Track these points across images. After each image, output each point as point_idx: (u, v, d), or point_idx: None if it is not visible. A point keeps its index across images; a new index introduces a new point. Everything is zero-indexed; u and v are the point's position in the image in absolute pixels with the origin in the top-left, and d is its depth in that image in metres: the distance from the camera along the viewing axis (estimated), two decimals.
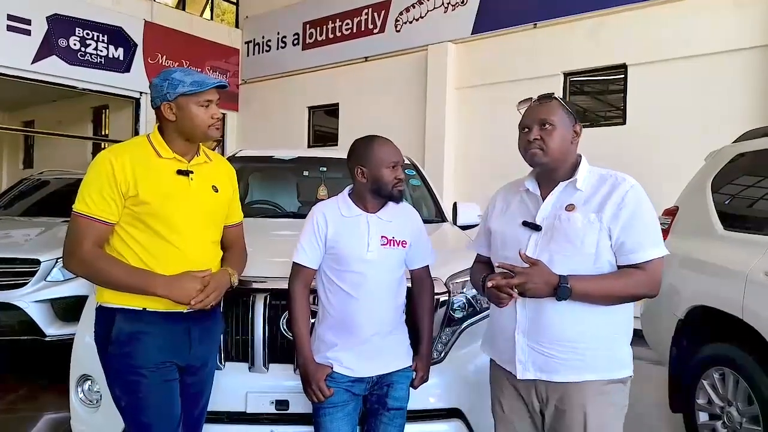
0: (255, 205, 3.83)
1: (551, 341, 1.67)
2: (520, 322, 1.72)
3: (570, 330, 1.66)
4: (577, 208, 1.68)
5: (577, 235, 1.65)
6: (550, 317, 1.67)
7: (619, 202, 1.64)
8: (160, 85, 1.87)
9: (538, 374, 1.70)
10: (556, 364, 1.67)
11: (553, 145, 1.71)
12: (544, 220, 1.73)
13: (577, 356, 1.66)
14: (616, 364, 1.70)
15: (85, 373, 2.32)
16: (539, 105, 1.77)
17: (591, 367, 1.66)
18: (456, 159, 8.51)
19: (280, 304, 2.24)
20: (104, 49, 9.34)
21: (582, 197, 1.70)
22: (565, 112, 1.75)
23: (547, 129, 1.72)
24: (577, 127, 1.77)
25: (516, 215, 1.81)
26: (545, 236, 1.70)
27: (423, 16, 8.89)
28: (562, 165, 1.75)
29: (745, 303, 2.57)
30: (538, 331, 1.69)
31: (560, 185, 1.75)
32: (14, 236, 4.87)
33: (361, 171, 1.97)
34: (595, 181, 1.72)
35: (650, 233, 1.64)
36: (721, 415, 2.81)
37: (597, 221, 1.64)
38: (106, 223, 1.81)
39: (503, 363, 1.81)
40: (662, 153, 6.34)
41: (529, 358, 1.71)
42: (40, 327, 4.22)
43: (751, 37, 6.06)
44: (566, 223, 1.67)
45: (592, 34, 7.18)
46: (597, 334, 1.67)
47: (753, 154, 3.06)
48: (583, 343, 1.66)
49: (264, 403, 2.18)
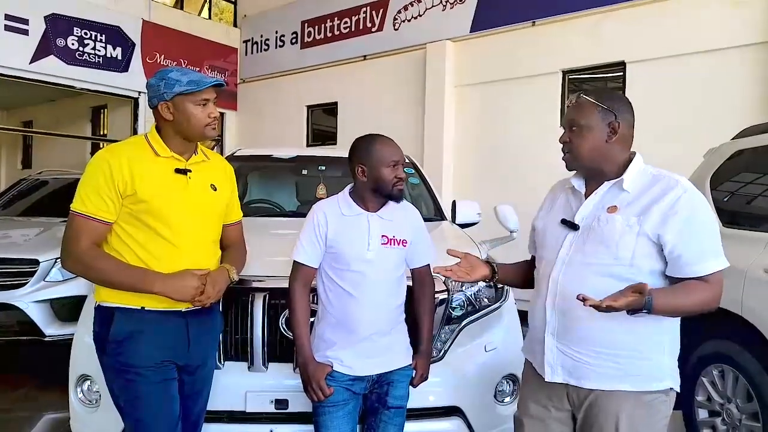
0: (254, 204, 3.83)
1: (581, 344, 1.59)
2: (549, 323, 1.66)
3: (601, 334, 1.57)
4: (619, 209, 1.59)
5: (612, 238, 1.55)
6: (580, 319, 1.58)
7: (670, 208, 1.52)
8: (156, 84, 1.86)
9: (566, 378, 1.63)
10: (588, 369, 1.59)
11: (581, 149, 1.64)
12: (583, 219, 1.65)
13: (612, 363, 1.56)
14: (655, 376, 1.58)
15: (84, 373, 2.32)
16: (570, 105, 1.71)
17: (626, 376, 1.56)
18: (455, 157, 8.50)
19: (279, 303, 2.24)
20: (102, 49, 9.32)
21: (627, 199, 1.60)
22: (598, 110, 1.64)
23: (575, 131, 1.66)
24: (616, 123, 1.64)
25: (558, 213, 1.75)
26: (581, 236, 1.63)
27: (421, 14, 8.87)
28: (605, 165, 1.65)
29: (745, 300, 2.57)
30: (567, 332, 1.62)
31: (605, 185, 1.65)
32: (13, 236, 4.86)
33: (361, 170, 1.96)
34: (646, 183, 1.61)
35: (710, 243, 1.53)
36: (720, 412, 2.82)
37: (636, 224, 1.54)
38: (103, 222, 1.80)
39: (536, 365, 1.74)
40: (661, 150, 6.33)
41: (557, 360, 1.64)
42: (39, 327, 4.21)
43: (751, 34, 6.05)
44: (604, 225, 1.58)
45: (591, 32, 7.17)
46: (631, 339, 1.56)
47: (752, 150, 3.06)
48: (619, 350, 1.56)
49: (263, 402, 2.18)
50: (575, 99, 1.72)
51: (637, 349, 1.56)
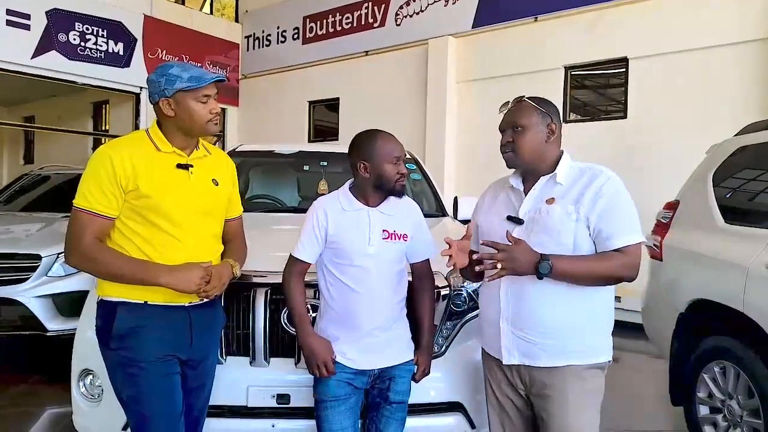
0: (255, 200, 3.84)
1: (533, 328, 1.75)
2: (503, 310, 1.80)
3: (551, 317, 1.74)
4: (556, 200, 1.76)
5: (554, 226, 1.72)
6: (531, 305, 1.75)
7: (596, 193, 1.71)
8: (157, 81, 1.86)
9: (522, 359, 1.79)
10: (538, 349, 1.75)
11: (524, 148, 1.81)
12: (526, 214, 1.81)
13: (558, 342, 1.74)
14: (595, 351, 1.78)
15: (86, 368, 2.33)
16: (511, 108, 1.88)
17: (570, 353, 1.74)
18: (457, 153, 8.49)
19: (280, 299, 2.24)
20: (104, 44, 9.31)
21: (562, 190, 1.78)
22: (538, 112, 1.82)
23: (518, 131, 1.83)
24: (553, 125, 1.83)
25: (501, 210, 1.89)
26: (526, 229, 1.78)
27: (423, 9, 8.86)
28: (541, 163, 1.83)
29: (746, 296, 2.57)
30: (520, 318, 1.77)
31: (541, 180, 1.83)
32: (15, 232, 4.86)
33: (363, 166, 1.96)
34: (575, 175, 1.80)
35: (627, 221, 1.71)
36: (721, 408, 2.82)
37: (574, 212, 1.71)
38: (106, 217, 1.81)
39: (492, 351, 1.89)
40: (663, 146, 6.33)
41: (513, 344, 1.79)
42: (41, 322, 4.22)
43: (753, 29, 6.03)
44: (545, 216, 1.75)
45: (593, 28, 7.15)
46: (576, 320, 1.74)
47: (754, 147, 3.05)
48: (563, 330, 1.73)
49: (265, 397, 2.18)
50: (514, 103, 1.89)
51: (577, 328, 1.75)
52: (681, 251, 3.12)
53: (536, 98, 1.88)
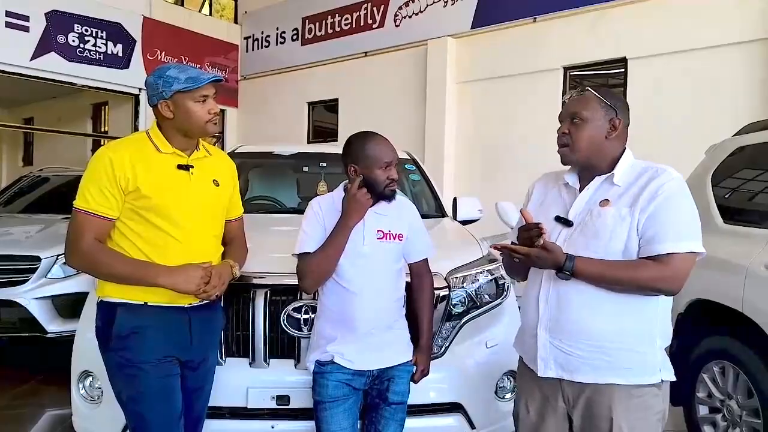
0: (255, 201, 3.83)
1: (574, 338, 1.60)
2: (542, 318, 1.66)
3: (594, 326, 1.58)
4: (611, 203, 1.60)
5: (605, 230, 1.57)
6: (573, 312, 1.60)
7: (654, 193, 1.55)
8: (155, 83, 1.86)
9: (559, 372, 1.64)
10: (579, 362, 1.60)
11: (581, 142, 1.64)
12: (576, 215, 1.66)
13: (602, 356, 1.57)
14: (647, 368, 1.59)
15: (86, 369, 2.33)
16: (573, 98, 1.70)
17: (616, 369, 1.57)
18: (456, 154, 8.49)
19: (280, 300, 2.25)
20: (103, 45, 9.31)
21: (618, 192, 1.62)
22: (601, 104, 1.65)
23: (576, 123, 1.65)
24: (617, 121, 1.65)
25: (551, 208, 1.74)
26: (575, 232, 1.64)
27: (422, 10, 8.86)
28: (599, 160, 1.66)
29: (746, 296, 2.57)
30: (560, 326, 1.63)
31: (596, 180, 1.67)
32: (15, 233, 4.87)
33: (354, 169, 1.96)
34: (636, 174, 1.63)
35: (678, 225, 1.53)
36: (721, 408, 2.82)
37: (629, 216, 1.55)
38: (106, 218, 1.81)
39: (528, 361, 1.75)
40: (663, 146, 6.32)
41: (550, 354, 1.65)
42: (41, 324, 4.22)
43: (752, 30, 6.04)
44: (597, 219, 1.60)
45: (593, 28, 7.16)
46: (625, 331, 1.57)
47: (753, 147, 3.05)
48: (608, 342, 1.57)
49: (265, 398, 2.18)
50: (577, 93, 1.71)
51: (626, 342, 1.57)
52: None
53: (602, 89, 1.70)
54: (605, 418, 1.58)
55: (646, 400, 1.59)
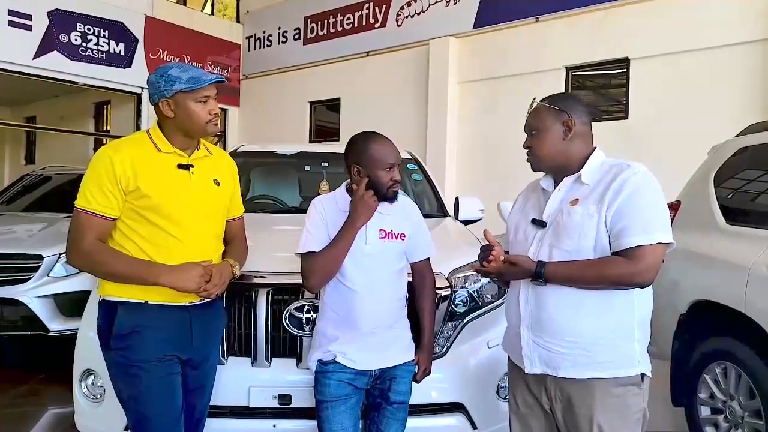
0: (257, 200, 3.84)
1: (553, 335, 1.66)
2: (524, 317, 1.73)
3: (571, 324, 1.64)
4: (580, 201, 1.66)
5: (574, 228, 1.63)
6: (551, 310, 1.66)
7: (619, 188, 1.59)
8: (156, 82, 1.86)
9: (544, 369, 1.69)
10: (560, 359, 1.65)
11: (542, 151, 1.74)
12: (549, 216, 1.72)
13: (581, 351, 1.62)
14: (624, 361, 1.62)
15: (88, 368, 2.33)
16: (528, 114, 1.80)
17: (596, 364, 1.61)
18: (458, 153, 8.50)
19: (282, 299, 2.25)
20: (105, 44, 9.33)
21: (587, 190, 1.67)
22: (550, 112, 1.73)
23: (533, 135, 1.76)
24: (570, 121, 1.70)
25: (529, 212, 1.82)
26: (548, 232, 1.70)
27: (424, 10, 8.86)
28: (565, 163, 1.73)
29: (748, 297, 2.57)
30: (540, 325, 1.69)
31: (565, 180, 1.73)
32: (17, 232, 4.87)
33: (357, 170, 1.96)
34: (602, 173, 1.68)
35: (646, 218, 1.56)
36: (722, 409, 2.81)
37: (596, 213, 1.61)
38: (106, 218, 1.81)
39: (515, 359, 1.82)
40: (665, 147, 6.33)
41: (534, 352, 1.71)
42: (43, 322, 4.23)
43: (754, 30, 6.04)
44: (567, 218, 1.66)
45: (595, 29, 7.15)
46: (602, 327, 1.62)
47: (755, 148, 3.05)
48: (586, 338, 1.62)
49: (266, 397, 2.19)
50: (530, 108, 1.81)
51: (605, 337, 1.62)
52: (682, 252, 3.12)
53: (552, 96, 1.79)
54: (585, 416, 1.63)
55: (626, 398, 1.63)
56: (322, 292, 2.01)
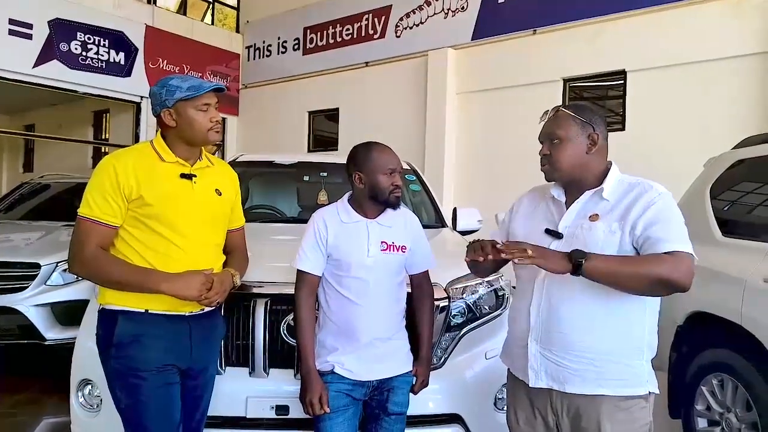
0: (255, 210, 3.84)
1: (563, 349, 1.63)
2: (533, 329, 1.68)
3: (584, 339, 1.60)
4: (600, 217, 1.63)
5: (596, 243, 1.58)
6: (563, 325, 1.63)
7: (645, 207, 1.58)
8: (158, 92, 1.90)
9: (550, 383, 1.66)
10: (569, 373, 1.62)
11: (561, 160, 1.67)
12: (566, 228, 1.68)
13: (591, 367, 1.60)
14: (635, 380, 1.61)
15: (85, 378, 2.32)
16: (549, 119, 1.74)
17: (605, 381, 1.59)
18: (456, 164, 8.53)
19: (280, 309, 2.25)
20: (105, 54, 9.37)
21: (607, 207, 1.64)
22: (577, 122, 1.68)
23: (555, 144, 1.69)
24: (595, 135, 1.67)
25: (541, 222, 1.76)
26: (565, 245, 1.64)
27: (423, 21, 8.93)
28: (584, 176, 1.69)
29: (744, 309, 2.58)
30: (550, 338, 1.65)
31: (585, 194, 1.69)
32: (15, 240, 4.86)
33: (358, 177, 1.98)
34: (624, 190, 1.66)
35: (675, 231, 1.55)
36: (719, 421, 2.81)
37: (618, 230, 1.58)
38: (109, 226, 1.83)
39: (517, 372, 1.77)
40: (661, 159, 6.36)
41: (541, 366, 1.67)
42: (39, 331, 4.21)
43: (750, 44, 6.09)
44: (587, 233, 1.61)
45: (592, 41, 7.21)
46: (612, 344, 1.60)
47: (752, 160, 3.07)
48: (597, 354, 1.60)
49: (264, 408, 2.18)
50: (552, 112, 1.74)
51: (615, 354, 1.60)
52: None
53: (575, 106, 1.74)
54: (593, 430, 1.60)
55: (633, 412, 1.61)
56: (323, 303, 2.02)
